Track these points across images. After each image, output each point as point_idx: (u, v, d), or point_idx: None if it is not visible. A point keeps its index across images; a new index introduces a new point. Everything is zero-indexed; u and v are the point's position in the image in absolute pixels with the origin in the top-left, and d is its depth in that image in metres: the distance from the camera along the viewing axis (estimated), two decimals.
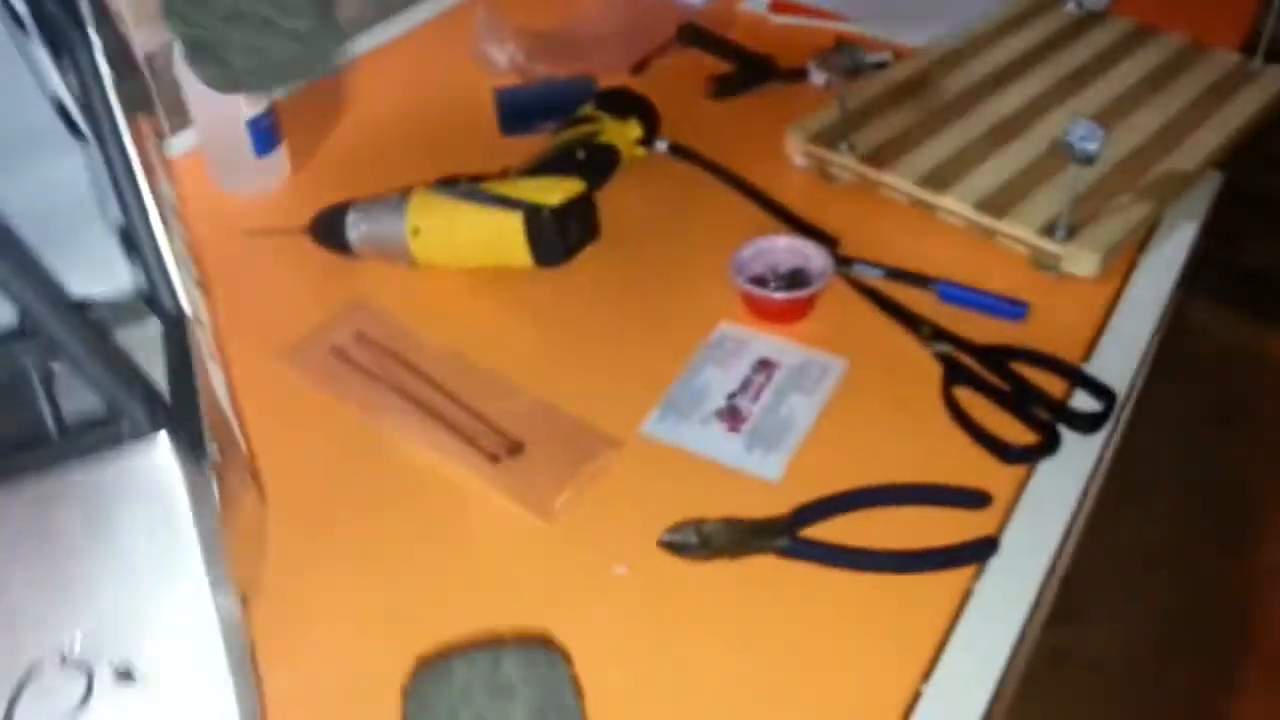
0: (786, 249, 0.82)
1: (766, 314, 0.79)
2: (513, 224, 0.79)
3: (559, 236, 0.80)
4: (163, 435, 0.44)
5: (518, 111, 1.01)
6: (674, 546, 0.63)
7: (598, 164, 0.89)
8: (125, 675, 0.44)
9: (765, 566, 0.63)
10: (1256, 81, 1.00)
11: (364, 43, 1.18)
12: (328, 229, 0.85)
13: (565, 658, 0.53)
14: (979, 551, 0.62)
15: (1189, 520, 1.70)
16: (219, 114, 0.89)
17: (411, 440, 0.71)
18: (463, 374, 0.75)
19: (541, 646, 0.53)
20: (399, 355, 0.77)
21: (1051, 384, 0.74)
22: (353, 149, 1.01)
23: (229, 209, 0.94)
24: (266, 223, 0.90)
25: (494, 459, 0.69)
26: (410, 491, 0.68)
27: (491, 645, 0.52)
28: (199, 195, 0.94)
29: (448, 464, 0.69)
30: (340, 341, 0.78)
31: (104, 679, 0.44)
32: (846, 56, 0.86)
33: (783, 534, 0.62)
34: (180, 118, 1.02)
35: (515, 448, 0.69)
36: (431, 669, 0.52)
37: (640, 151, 0.94)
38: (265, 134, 0.92)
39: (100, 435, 0.45)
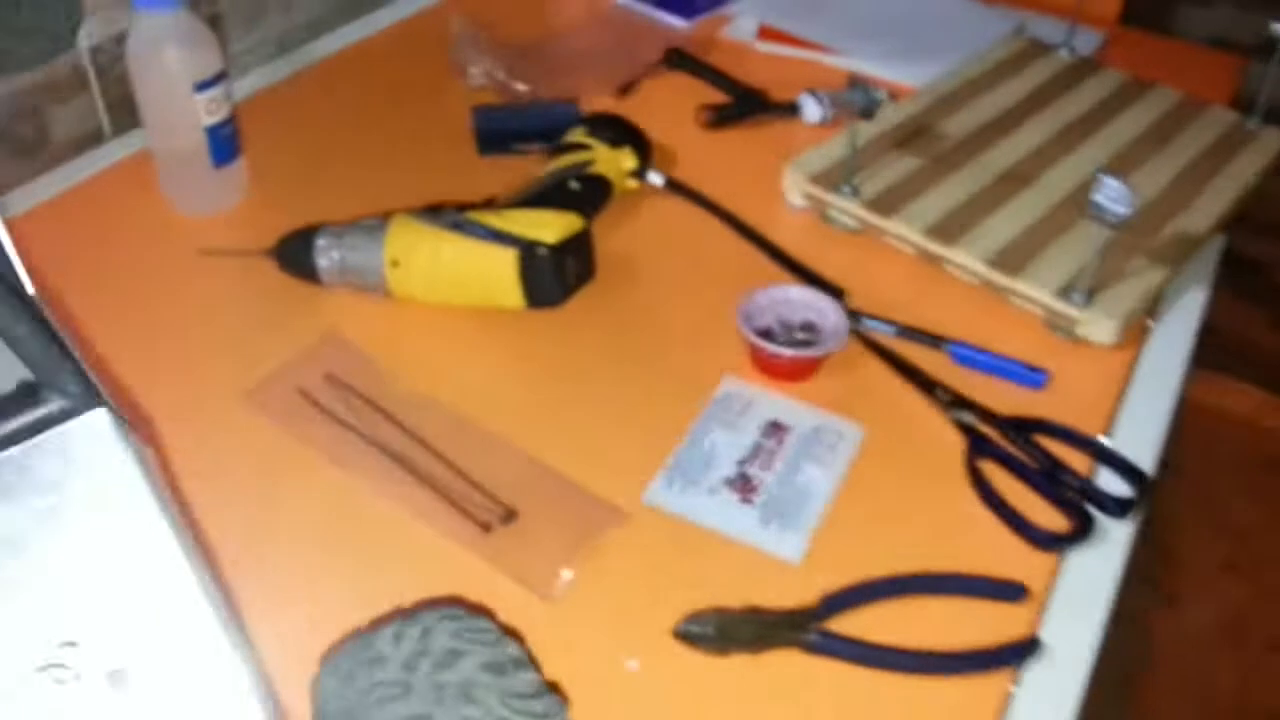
0: (800, 302, 0.76)
1: (773, 371, 0.74)
2: (506, 261, 0.72)
3: (556, 277, 0.73)
4: (103, 411, 0.39)
5: (497, 133, 0.93)
6: (690, 637, 0.56)
7: (591, 196, 0.82)
8: (118, 675, 0.38)
9: (789, 662, 0.57)
10: (1255, 142, 0.98)
11: (326, 45, 1.10)
12: (294, 254, 0.77)
13: (486, 613, 0.53)
14: (1022, 652, 0.57)
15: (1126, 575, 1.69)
16: (176, 118, 0.81)
17: (391, 502, 0.63)
18: (445, 426, 0.68)
19: (456, 607, 0.52)
20: (374, 402, 0.69)
21: (1073, 456, 0.70)
22: (316, 163, 0.93)
23: (180, 224, 0.85)
24: (222, 242, 0.81)
25: (485, 528, 0.62)
26: (388, 559, 0.61)
27: (401, 619, 0.50)
28: (147, 207, 0.86)
29: (432, 531, 0.62)
30: (308, 383, 0.70)
31: (95, 682, 0.38)
32: (861, 95, 0.81)
33: (809, 626, 0.57)
34: (127, 117, 0.93)
35: (508, 515, 0.63)
36: (345, 654, 0.49)
37: (633, 184, 0.88)
38: (224, 143, 0.83)
39: (25, 420, 0.40)
